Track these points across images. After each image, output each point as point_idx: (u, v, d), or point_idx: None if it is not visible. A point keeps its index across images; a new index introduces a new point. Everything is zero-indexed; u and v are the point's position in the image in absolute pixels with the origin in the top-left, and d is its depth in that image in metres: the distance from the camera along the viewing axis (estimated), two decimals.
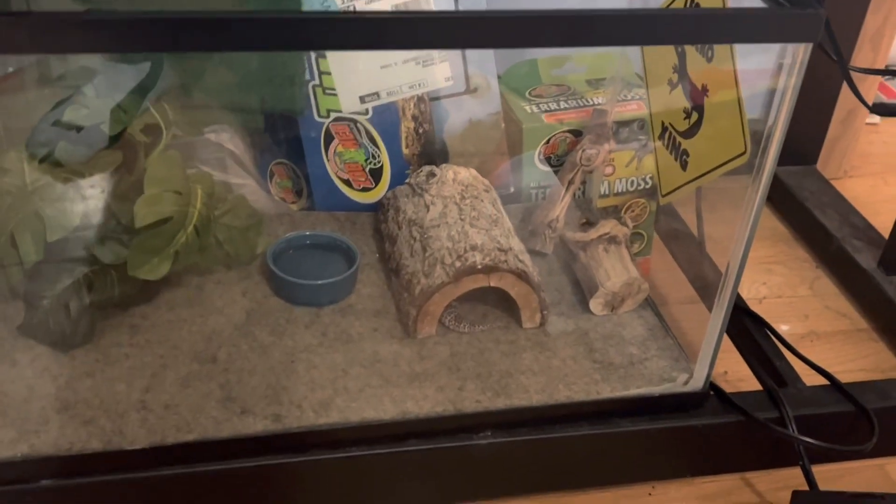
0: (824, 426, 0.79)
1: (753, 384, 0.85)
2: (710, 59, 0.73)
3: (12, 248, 0.74)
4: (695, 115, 0.76)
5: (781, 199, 1.20)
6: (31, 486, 0.67)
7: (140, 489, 0.70)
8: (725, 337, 0.78)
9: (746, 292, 1.06)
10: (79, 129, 0.77)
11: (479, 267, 0.79)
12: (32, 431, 0.69)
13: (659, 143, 0.83)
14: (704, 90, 0.74)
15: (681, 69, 0.77)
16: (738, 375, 0.92)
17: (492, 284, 0.80)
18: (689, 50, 0.75)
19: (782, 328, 0.94)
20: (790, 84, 0.65)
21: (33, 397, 0.71)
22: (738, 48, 0.70)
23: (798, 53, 0.64)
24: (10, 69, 0.83)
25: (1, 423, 0.69)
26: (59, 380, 0.73)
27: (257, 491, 0.72)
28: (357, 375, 0.76)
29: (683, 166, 0.79)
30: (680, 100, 0.78)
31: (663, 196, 0.84)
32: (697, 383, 0.78)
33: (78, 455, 0.68)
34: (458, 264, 0.79)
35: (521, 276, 0.80)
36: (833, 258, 1.11)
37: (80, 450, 0.68)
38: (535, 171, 0.95)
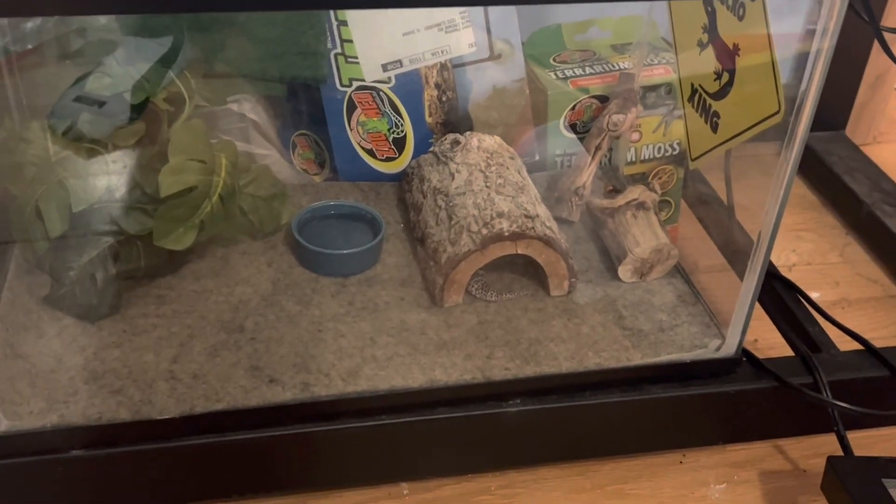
0: (859, 391, 0.78)
1: (784, 352, 0.84)
2: (741, 18, 0.71)
3: (38, 219, 0.73)
4: (725, 76, 0.74)
5: (810, 166, 1.18)
6: (62, 456, 0.67)
7: (170, 458, 0.70)
8: (756, 304, 0.76)
9: (776, 260, 1.05)
10: (101, 103, 0.77)
11: (506, 234, 0.78)
12: (61, 402, 0.69)
13: (688, 107, 0.82)
14: (736, 49, 0.72)
15: (710, 28, 0.75)
16: (768, 343, 0.90)
17: (519, 251, 0.79)
18: (720, 8, 0.73)
19: (813, 295, 0.93)
20: (824, 46, 0.64)
21: (61, 368, 0.71)
22: (770, 7, 0.68)
23: (833, 10, 0.62)
24: (29, 46, 0.82)
25: (30, 394, 0.69)
26: (86, 350, 0.73)
27: (286, 459, 0.72)
28: (385, 344, 0.76)
29: (714, 129, 0.77)
30: (710, 60, 0.76)
31: (693, 160, 0.83)
32: (729, 349, 0.77)
33: (107, 425, 0.68)
34: (484, 232, 0.78)
35: (549, 242, 0.79)
36: (863, 224, 1.09)
37: (110, 419, 0.68)
38: (561, 138, 0.93)
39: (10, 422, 0.67)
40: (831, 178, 1.14)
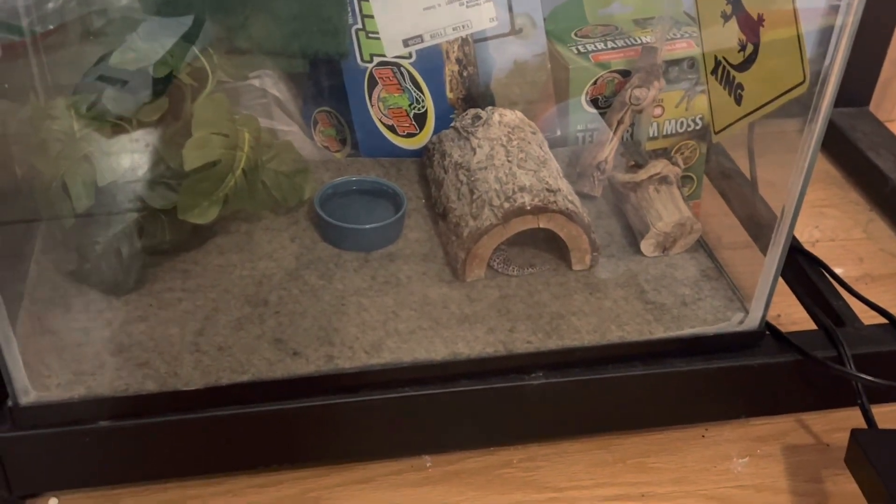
0: (883, 365, 0.78)
1: (807, 327, 0.83)
2: None
3: (64, 195, 0.74)
4: (750, 47, 0.74)
5: (834, 142, 1.17)
6: (90, 427, 0.68)
7: (195, 430, 0.70)
8: (779, 280, 0.76)
9: (799, 236, 1.04)
10: (124, 82, 0.77)
11: (528, 208, 0.78)
12: (89, 374, 0.70)
13: (711, 79, 0.81)
14: (760, 20, 0.72)
15: (734, 0, 0.75)
16: (791, 319, 0.90)
17: (541, 225, 0.79)
18: None
19: (836, 271, 0.92)
20: (848, 21, 0.63)
21: (88, 341, 0.72)
22: None
23: None
24: (51, 26, 0.83)
25: (58, 366, 0.70)
26: (112, 324, 0.74)
27: (310, 431, 0.73)
28: (407, 318, 0.76)
29: (738, 101, 0.76)
30: (734, 32, 0.75)
31: (716, 133, 0.82)
32: (752, 323, 0.77)
33: (134, 396, 0.68)
34: (506, 206, 0.78)
35: (571, 216, 0.79)
36: (887, 200, 1.08)
37: (137, 391, 0.69)
38: (582, 113, 0.93)
39: (38, 393, 0.68)
40: (855, 153, 1.13)
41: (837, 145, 1.17)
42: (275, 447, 0.73)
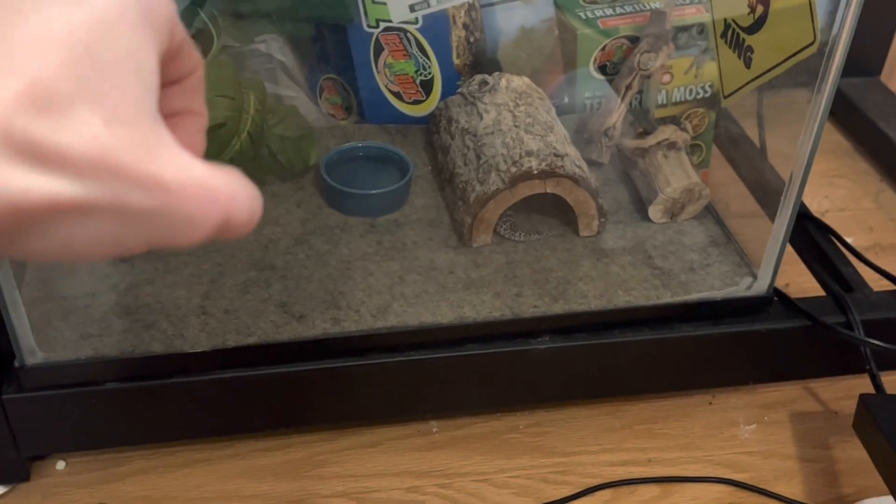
0: (892, 331, 0.77)
1: (815, 295, 0.83)
2: None
3: None
4: (760, 9, 0.73)
5: (844, 112, 1.16)
6: (97, 389, 0.68)
7: (202, 391, 0.70)
8: (788, 247, 0.75)
9: (809, 205, 1.03)
10: None
11: (535, 172, 0.77)
12: (95, 335, 0.70)
13: (721, 43, 0.80)
14: None
15: None
16: (800, 287, 0.89)
17: (548, 190, 0.79)
18: None
19: (846, 240, 0.91)
20: None
21: (95, 304, 0.72)
22: None
23: None
24: None
25: (64, 327, 0.70)
26: (119, 287, 0.74)
27: (317, 394, 0.73)
28: (413, 282, 0.76)
29: (747, 64, 0.76)
30: None
31: (725, 97, 0.81)
32: (761, 288, 0.77)
33: (141, 357, 0.69)
34: (513, 170, 0.77)
35: (578, 181, 0.79)
36: None
37: (143, 352, 0.69)
38: (590, 79, 0.92)
39: (45, 354, 0.68)
40: (866, 124, 1.12)
41: (848, 115, 1.16)
42: (282, 410, 0.73)
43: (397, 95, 0.92)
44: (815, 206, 1.05)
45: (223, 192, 0.27)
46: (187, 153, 0.26)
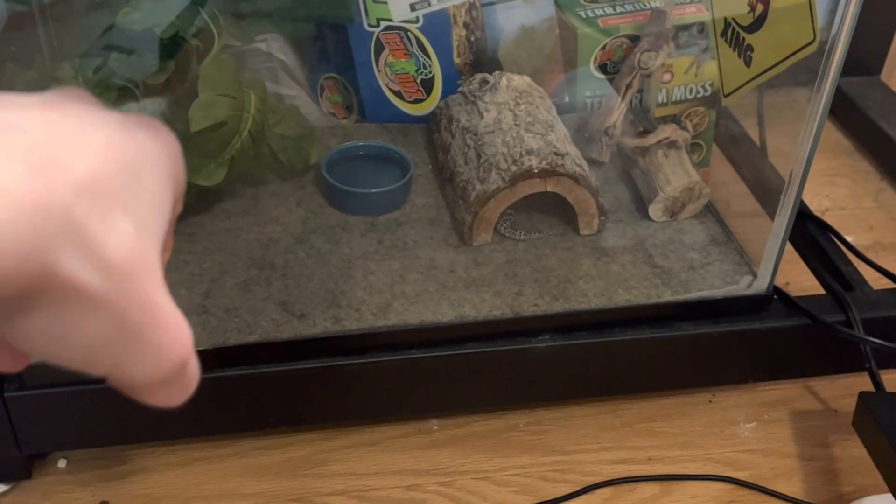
0: (892, 329, 0.77)
1: (815, 294, 0.83)
2: None
3: None
4: (760, 8, 0.73)
5: (845, 111, 1.16)
6: (98, 387, 0.68)
7: (203, 390, 0.70)
8: (788, 246, 0.76)
9: (809, 205, 1.03)
10: (130, 52, 0.77)
11: (536, 171, 0.77)
12: None
13: (721, 42, 0.81)
14: None
15: None
16: (800, 286, 0.90)
17: (548, 189, 0.79)
18: None
19: (846, 239, 0.92)
20: None
21: None
22: None
23: None
24: None
25: None
26: None
27: (317, 393, 0.73)
28: (414, 281, 0.76)
29: (748, 62, 0.76)
30: None
31: (725, 96, 0.82)
32: (761, 286, 0.77)
33: None
34: (513, 169, 0.78)
35: (579, 180, 0.79)
36: None
37: None
38: (591, 78, 0.92)
39: None
40: (866, 122, 1.12)
41: (848, 114, 1.16)
42: (282, 409, 0.74)
43: (398, 94, 0.92)
44: (816, 204, 1.05)
45: (189, 339, 0.29)
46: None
